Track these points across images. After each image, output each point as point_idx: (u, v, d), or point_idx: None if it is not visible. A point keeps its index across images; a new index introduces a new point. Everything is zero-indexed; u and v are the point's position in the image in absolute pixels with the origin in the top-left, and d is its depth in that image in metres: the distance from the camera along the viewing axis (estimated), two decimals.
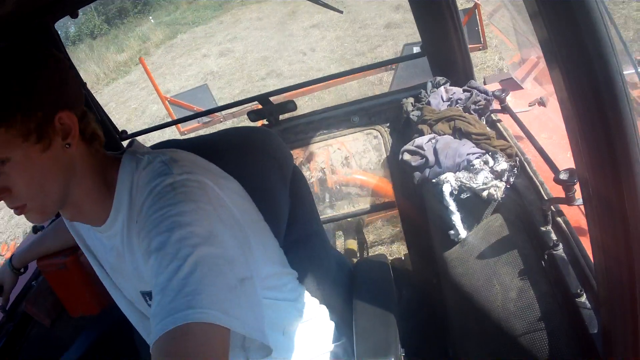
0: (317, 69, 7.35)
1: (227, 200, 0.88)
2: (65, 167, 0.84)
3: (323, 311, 1.18)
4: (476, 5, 3.29)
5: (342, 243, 2.89)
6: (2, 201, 0.82)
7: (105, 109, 1.82)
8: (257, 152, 1.11)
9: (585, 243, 0.96)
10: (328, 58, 7.58)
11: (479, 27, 3.36)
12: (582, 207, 0.83)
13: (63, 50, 1.61)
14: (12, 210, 0.85)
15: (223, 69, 8.98)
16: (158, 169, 0.86)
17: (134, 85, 9.47)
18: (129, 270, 0.94)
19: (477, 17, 3.34)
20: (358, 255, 2.82)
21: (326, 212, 2.81)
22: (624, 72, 0.55)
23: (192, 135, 4.03)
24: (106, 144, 0.96)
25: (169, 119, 4.08)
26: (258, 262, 0.96)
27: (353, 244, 2.82)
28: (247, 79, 8.11)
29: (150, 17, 13.38)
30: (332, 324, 1.19)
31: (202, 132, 4.02)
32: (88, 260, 1.09)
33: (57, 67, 0.83)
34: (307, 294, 1.14)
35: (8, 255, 4.29)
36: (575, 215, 1.06)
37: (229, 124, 4.17)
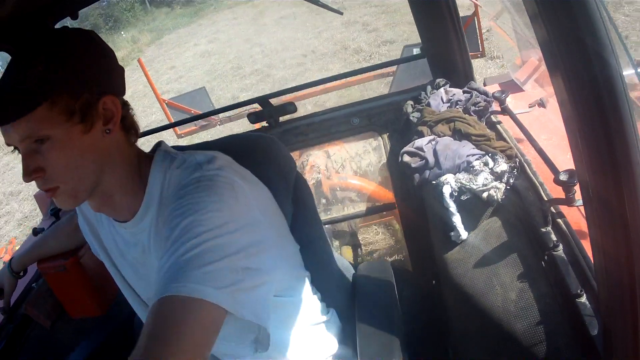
0: (290, 36, 9.76)
1: (253, 201, 0.88)
2: (103, 153, 0.85)
3: (332, 314, 1.18)
4: (475, 13, 3.26)
5: (338, 247, 2.89)
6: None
7: None
8: (259, 159, 1.11)
9: (586, 244, 0.96)
10: (296, 31, 10.05)
11: (478, 35, 3.32)
12: (582, 208, 0.83)
13: None
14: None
15: (215, 49, 10.93)
16: (192, 166, 0.87)
17: (136, 72, 10.56)
18: (153, 266, 0.93)
19: (476, 24, 3.30)
20: (352, 260, 2.81)
21: (325, 215, 2.81)
22: (624, 73, 0.55)
23: (188, 137, 4.05)
24: None
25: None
26: (276, 264, 0.96)
27: (348, 250, 2.82)
28: (236, 51, 10.09)
29: (122, 32, 14.39)
30: (339, 327, 1.19)
31: (199, 134, 4.05)
32: (92, 260, 1.08)
33: (106, 54, 0.86)
34: (317, 297, 1.15)
35: (6, 257, 4.28)
36: (575, 216, 1.06)
37: (227, 127, 4.22)
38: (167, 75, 10.21)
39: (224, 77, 9.01)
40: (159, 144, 0.97)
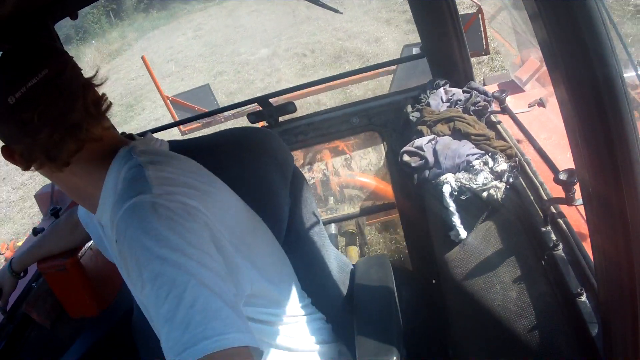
0: (265, 18, 11.56)
1: (212, 218, 0.85)
2: (56, 179, 0.91)
3: (310, 308, 1.15)
4: (480, 10, 3.24)
5: (343, 247, 2.89)
6: None
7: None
8: (257, 152, 1.12)
9: (586, 243, 0.96)
10: (269, 14, 11.80)
11: (482, 32, 3.29)
12: (581, 207, 0.83)
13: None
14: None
15: (203, 34, 12.67)
16: (138, 183, 0.82)
17: (136, 55, 12.19)
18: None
19: (480, 22, 3.28)
20: (359, 258, 2.81)
21: (326, 214, 2.81)
22: (624, 75, 0.55)
23: (193, 134, 4.08)
24: None
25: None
26: (246, 277, 0.93)
27: (354, 250, 2.82)
28: (221, 34, 11.93)
29: (93, 41, 15.49)
30: (321, 318, 1.17)
31: (203, 131, 4.11)
32: (91, 260, 1.08)
33: None
34: (295, 295, 1.10)
35: (7, 254, 4.26)
36: (575, 215, 1.06)
37: (230, 125, 4.30)
38: (167, 52, 11.89)
39: (219, 46, 10.97)
40: (143, 135, 0.96)
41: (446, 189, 1.27)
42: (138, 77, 10.43)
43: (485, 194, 1.21)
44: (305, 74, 7.66)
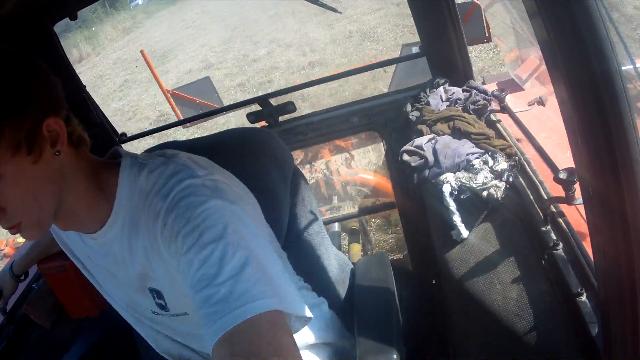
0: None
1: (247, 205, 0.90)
2: (57, 176, 0.81)
3: (321, 302, 1.17)
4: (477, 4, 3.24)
5: (346, 244, 2.89)
6: None
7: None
8: (257, 153, 1.12)
9: (586, 242, 0.96)
10: None
11: (484, 20, 3.29)
12: (581, 206, 0.83)
13: (62, 52, 1.61)
14: None
15: (208, 11, 14.62)
16: (180, 170, 0.84)
17: (150, 30, 14.93)
18: (129, 274, 0.93)
19: (481, 9, 3.27)
20: (361, 255, 2.81)
21: (330, 212, 2.81)
22: (623, 69, 0.55)
23: (192, 128, 4.12)
24: (105, 146, 0.95)
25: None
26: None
27: (357, 247, 2.82)
28: (227, 9, 13.83)
29: (93, 28, 16.60)
30: (330, 316, 1.18)
31: (204, 124, 4.17)
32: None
33: (37, 72, 0.78)
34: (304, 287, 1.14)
35: (7, 250, 4.22)
36: (575, 214, 1.06)
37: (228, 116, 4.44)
38: (181, 24, 13.84)
39: (228, 15, 12.84)
40: (116, 150, 0.94)
41: (446, 188, 1.27)
42: (161, 40, 12.86)
43: (485, 193, 1.21)
44: (303, 20, 10.38)
